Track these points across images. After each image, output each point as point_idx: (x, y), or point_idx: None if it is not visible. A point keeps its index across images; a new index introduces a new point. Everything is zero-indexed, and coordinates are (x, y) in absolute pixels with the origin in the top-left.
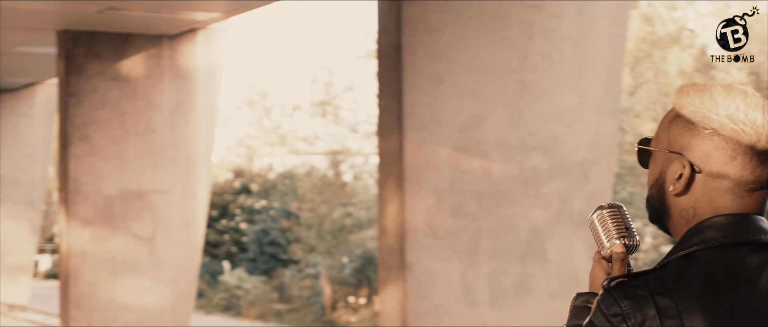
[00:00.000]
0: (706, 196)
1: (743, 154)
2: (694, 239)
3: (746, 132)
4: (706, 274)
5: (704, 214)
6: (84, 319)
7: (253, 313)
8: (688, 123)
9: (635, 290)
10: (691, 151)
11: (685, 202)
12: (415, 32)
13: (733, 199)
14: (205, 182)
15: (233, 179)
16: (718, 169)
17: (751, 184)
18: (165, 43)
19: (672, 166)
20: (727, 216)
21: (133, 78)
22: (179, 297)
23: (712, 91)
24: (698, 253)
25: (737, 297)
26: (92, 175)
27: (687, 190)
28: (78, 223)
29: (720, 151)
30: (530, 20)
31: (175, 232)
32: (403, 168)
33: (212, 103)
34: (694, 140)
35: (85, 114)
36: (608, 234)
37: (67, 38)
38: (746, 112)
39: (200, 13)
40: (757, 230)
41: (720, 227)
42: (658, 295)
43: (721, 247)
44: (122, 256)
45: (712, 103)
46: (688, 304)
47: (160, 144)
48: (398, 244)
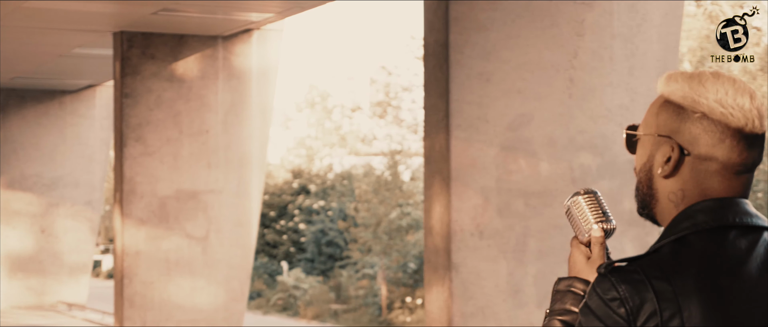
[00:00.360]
0: (695, 178)
1: (731, 137)
2: (684, 223)
3: (734, 115)
4: (700, 258)
5: (692, 197)
6: (138, 318)
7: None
8: (678, 108)
9: (632, 275)
10: (680, 135)
11: (673, 185)
12: (462, 30)
13: (720, 182)
14: (258, 182)
15: (292, 180)
16: (707, 152)
17: (738, 166)
18: (219, 43)
19: (661, 150)
20: (716, 200)
21: (187, 79)
22: (232, 297)
23: (701, 77)
24: (689, 237)
25: (729, 279)
26: (147, 175)
27: (675, 173)
28: (133, 223)
29: (708, 134)
30: (580, 17)
31: (228, 232)
32: (449, 167)
33: (266, 104)
34: (683, 124)
35: (140, 115)
36: (586, 219)
37: (123, 40)
38: (735, 96)
39: (254, 13)
40: (744, 213)
41: (709, 211)
42: (654, 279)
43: (710, 230)
44: (176, 255)
45: (702, 88)
46: (684, 288)
47: (213, 144)
48: (444, 244)
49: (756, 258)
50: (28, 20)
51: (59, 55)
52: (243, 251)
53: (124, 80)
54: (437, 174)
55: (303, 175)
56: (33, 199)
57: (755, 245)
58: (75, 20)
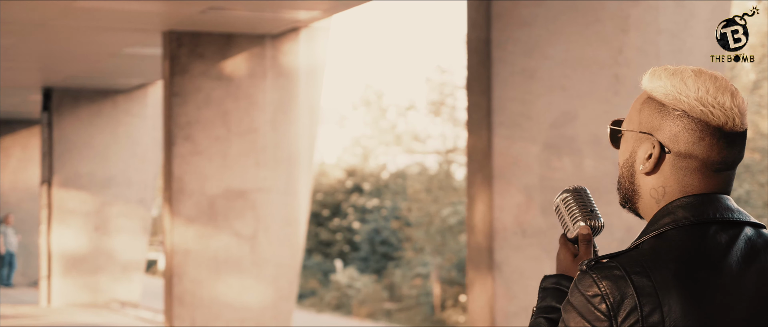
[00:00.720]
0: (675, 175)
1: (711, 135)
2: (665, 219)
3: (714, 114)
4: (680, 253)
5: (673, 194)
6: (187, 316)
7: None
8: (659, 105)
9: (613, 271)
10: (660, 132)
11: (654, 182)
12: (505, 27)
13: (700, 179)
14: (306, 181)
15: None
16: (687, 149)
17: (718, 164)
18: (268, 42)
19: (642, 146)
20: (696, 196)
21: (236, 77)
22: (281, 295)
23: (683, 74)
24: (669, 233)
25: (709, 273)
26: (196, 174)
27: (656, 170)
28: (182, 221)
29: (689, 132)
30: (625, 13)
31: (277, 230)
32: (492, 165)
33: (314, 102)
34: (664, 121)
35: (189, 113)
36: (573, 216)
37: (172, 39)
38: (715, 95)
39: (302, 11)
40: (725, 209)
41: (689, 207)
42: (634, 275)
43: (691, 225)
44: (225, 254)
45: (683, 86)
46: (664, 283)
47: (262, 143)
48: (487, 242)
49: (736, 252)
50: (78, 20)
51: (110, 54)
52: (291, 250)
53: (173, 79)
54: (479, 172)
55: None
56: (86, 198)
57: (735, 240)
58: (124, 20)
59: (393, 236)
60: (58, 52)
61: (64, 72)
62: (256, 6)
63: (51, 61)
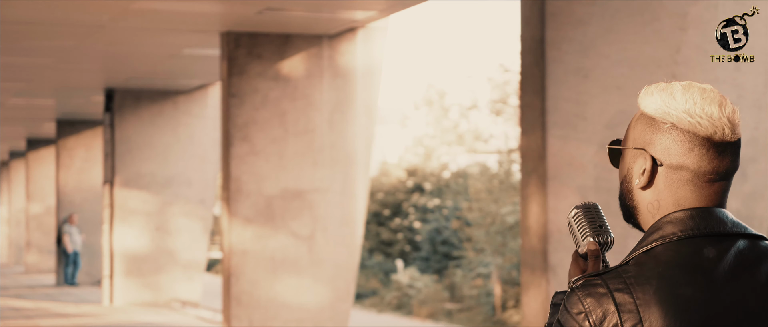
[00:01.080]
0: (668, 188)
1: (700, 145)
2: (654, 235)
3: (702, 125)
4: (663, 269)
5: (667, 207)
6: (245, 317)
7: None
8: (650, 120)
9: (597, 288)
10: (652, 146)
11: (650, 196)
12: (559, 26)
13: (693, 191)
14: (363, 181)
15: (406, 178)
16: (678, 161)
17: (710, 174)
18: (325, 42)
19: (637, 162)
20: (686, 210)
21: (293, 78)
22: (338, 296)
23: (672, 88)
24: (657, 249)
25: (693, 289)
26: (253, 174)
27: (651, 184)
28: (239, 222)
29: (678, 144)
30: (683, 10)
31: (334, 231)
32: (546, 166)
33: (371, 102)
34: (655, 135)
35: (247, 114)
36: (583, 232)
37: (230, 40)
38: (703, 106)
39: (359, 11)
40: (717, 222)
41: (678, 222)
42: (617, 292)
43: (679, 241)
44: (282, 254)
45: (671, 100)
46: (645, 299)
47: (319, 143)
48: (541, 244)
49: (724, 266)
50: (137, 21)
51: (170, 55)
52: (348, 250)
53: (231, 80)
54: (533, 173)
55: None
56: (148, 198)
57: (725, 253)
58: (182, 21)
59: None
60: (119, 54)
61: (125, 73)
62: (313, 6)
63: (112, 62)
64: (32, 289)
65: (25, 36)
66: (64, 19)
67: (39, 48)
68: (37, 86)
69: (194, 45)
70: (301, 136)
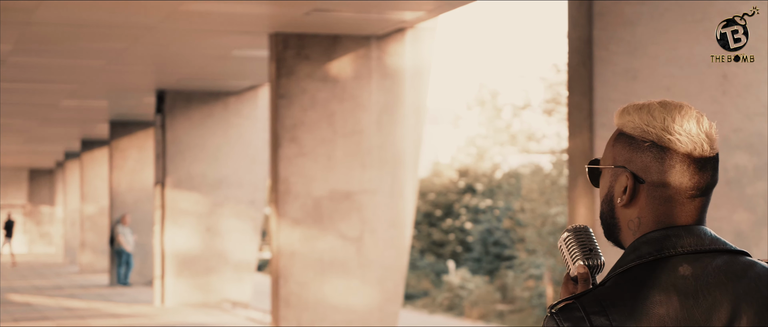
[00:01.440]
0: (650, 205)
1: (680, 162)
2: (630, 256)
3: (681, 141)
4: (639, 289)
5: (648, 224)
6: (293, 318)
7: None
8: (629, 139)
9: (574, 312)
10: (633, 164)
11: (630, 214)
12: (607, 25)
13: (673, 207)
14: (412, 182)
15: (458, 179)
16: (659, 179)
17: (691, 190)
18: (373, 43)
19: (618, 180)
20: (662, 230)
21: (341, 79)
22: (387, 297)
23: (650, 107)
24: (633, 270)
25: (667, 308)
26: (302, 175)
27: (632, 202)
28: (288, 223)
29: (658, 162)
30: (734, 9)
31: (382, 232)
32: None
33: (420, 103)
34: (635, 154)
35: (295, 115)
36: (573, 255)
37: (278, 41)
38: (681, 122)
39: (408, 12)
40: (694, 239)
41: (653, 242)
42: (593, 315)
43: (654, 261)
44: (330, 256)
45: (649, 118)
46: (621, 320)
47: (367, 145)
48: None
49: (699, 284)
50: (186, 23)
51: (219, 57)
52: (397, 252)
53: (280, 81)
54: (581, 175)
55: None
56: (199, 199)
57: (701, 271)
58: (230, 22)
59: (505, 237)
60: (169, 55)
61: (175, 74)
62: (361, 7)
63: (163, 63)
64: (86, 289)
65: (76, 38)
66: (113, 21)
67: (91, 50)
68: (90, 88)
69: (243, 46)
70: (350, 137)
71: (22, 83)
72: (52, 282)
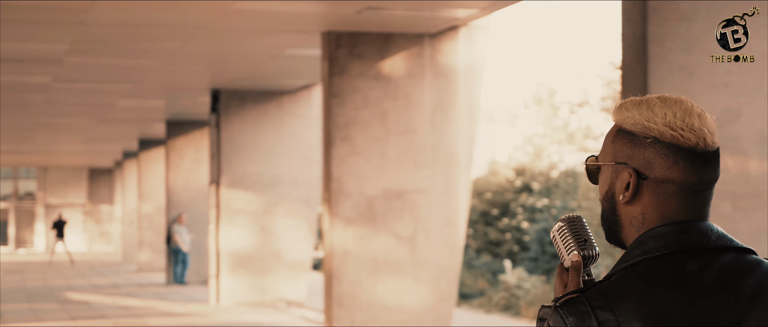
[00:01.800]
0: (654, 201)
1: (684, 158)
2: (636, 251)
3: (685, 136)
4: (646, 285)
5: (652, 220)
6: (346, 317)
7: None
8: (630, 135)
9: (579, 306)
10: (635, 160)
11: (634, 210)
12: (662, 21)
13: (678, 202)
14: (465, 181)
15: (515, 178)
16: (663, 175)
17: (696, 185)
18: (426, 41)
19: (620, 177)
20: (669, 225)
21: (394, 77)
22: (440, 297)
23: (650, 102)
24: (639, 265)
25: (674, 304)
26: (354, 174)
27: (635, 198)
28: (340, 222)
29: (662, 158)
30: None
31: (436, 231)
32: None
33: (474, 102)
34: (637, 150)
35: (348, 114)
36: (567, 246)
37: (331, 39)
38: (683, 118)
39: (461, 9)
40: (701, 236)
41: (660, 237)
42: (599, 310)
43: (661, 256)
44: (384, 255)
45: (650, 114)
46: (627, 316)
47: (420, 143)
48: None
49: (706, 280)
50: (238, 22)
51: (272, 56)
52: (451, 251)
53: (332, 80)
54: None
55: (526, 173)
56: (253, 198)
57: (708, 268)
58: (283, 21)
59: None
60: (223, 55)
61: (230, 74)
62: (414, 5)
63: (217, 63)
64: (143, 287)
65: (131, 38)
66: (166, 20)
67: (145, 50)
68: (146, 88)
69: (296, 45)
70: (403, 136)
71: (79, 83)
72: (110, 280)
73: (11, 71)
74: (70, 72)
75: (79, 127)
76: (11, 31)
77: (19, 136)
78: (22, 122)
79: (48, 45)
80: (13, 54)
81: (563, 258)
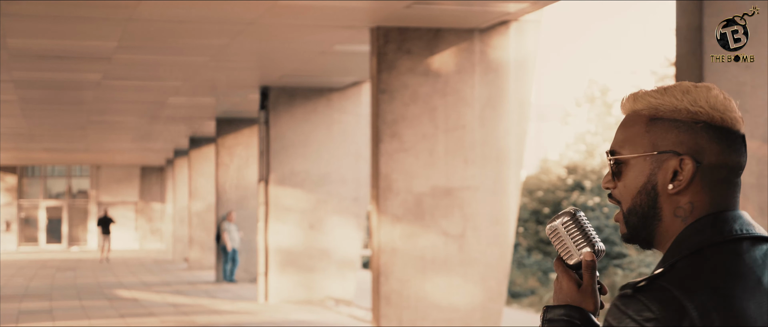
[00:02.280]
0: (705, 188)
1: (733, 141)
2: (695, 238)
3: (730, 119)
4: (721, 272)
5: (703, 208)
6: (394, 316)
7: None
8: (672, 121)
9: (662, 292)
10: (684, 146)
11: (681, 200)
12: (718, 12)
13: (727, 188)
14: (515, 179)
15: (566, 176)
16: (716, 160)
17: (740, 169)
18: (476, 36)
19: (664, 166)
20: (719, 214)
21: (443, 73)
22: (490, 296)
23: (682, 87)
24: (706, 251)
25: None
26: (402, 171)
27: (687, 187)
28: (388, 219)
29: (715, 142)
30: None
31: (485, 229)
32: None
33: (524, 98)
34: (685, 136)
35: (396, 110)
36: (576, 242)
37: (379, 35)
38: (724, 102)
39: (511, 3)
40: (748, 224)
41: (718, 223)
42: (684, 296)
43: (724, 242)
44: (432, 253)
45: (691, 98)
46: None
47: (470, 140)
48: None
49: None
50: (286, 18)
51: (321, 52)
52: (500, 249)
53: (380, 76)
54: None
55: (578, 171)
56: (302, 195)
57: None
58: (331, 17)
59: (614, 235)
60: (271, 51)
61: (279, 70)
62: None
63: (265, 60)
64: (192, 285)
65: (178, 34)
66: (213, 16)
67: (193, 46)
68: (196, 85)
69: (344, 41)
70: (452, 133)
71: (129, 81)
72: (160, 278)
73: (62, 68)
74: (120, 69)
75: (130, 124)
76: (60, 28)
77: (72, 134)
78: (75, 120)
79: (97, 42)
80: (63, 51)
81: (569, 254)
